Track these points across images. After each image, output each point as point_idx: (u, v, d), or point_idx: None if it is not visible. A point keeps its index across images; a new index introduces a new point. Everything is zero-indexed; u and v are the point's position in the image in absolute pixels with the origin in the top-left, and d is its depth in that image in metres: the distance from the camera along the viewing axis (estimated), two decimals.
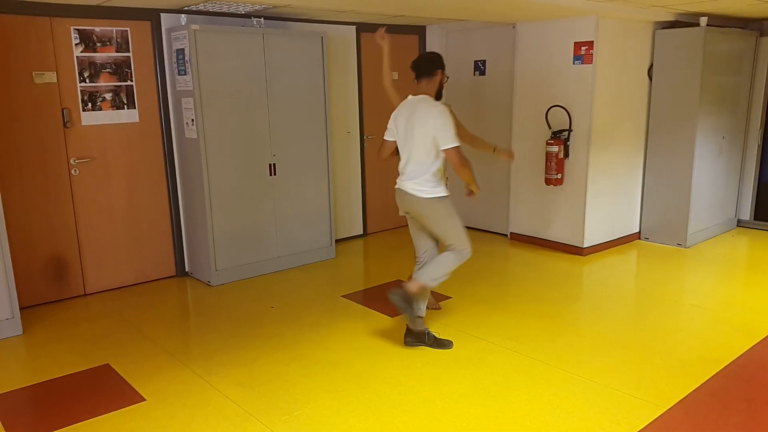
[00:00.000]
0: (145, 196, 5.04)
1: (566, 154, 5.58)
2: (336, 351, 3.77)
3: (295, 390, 3.29)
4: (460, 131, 3.69)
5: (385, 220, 6.83)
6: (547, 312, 4.35)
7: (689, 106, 5.66)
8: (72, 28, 4.51)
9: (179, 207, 5.21)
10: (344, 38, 6.02)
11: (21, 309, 4.27)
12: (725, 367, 3.47)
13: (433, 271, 3.64)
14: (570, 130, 5.54)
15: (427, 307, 4.05)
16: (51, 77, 4.47)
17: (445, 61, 3.79)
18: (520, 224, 6.17)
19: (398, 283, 4.19)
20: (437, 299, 4.51)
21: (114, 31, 4.69)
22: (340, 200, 6.23)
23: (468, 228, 6.79)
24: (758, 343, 3.78)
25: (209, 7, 4.70)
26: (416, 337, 3.79)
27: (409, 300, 3.60)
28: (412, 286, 3.60)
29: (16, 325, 4.08)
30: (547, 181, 5.68)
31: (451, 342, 3.82)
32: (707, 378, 3.34)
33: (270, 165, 5.20)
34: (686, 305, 4.50)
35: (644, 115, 5.98)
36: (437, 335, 3.84)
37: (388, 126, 3.71)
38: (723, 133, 6.08)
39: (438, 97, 3.67)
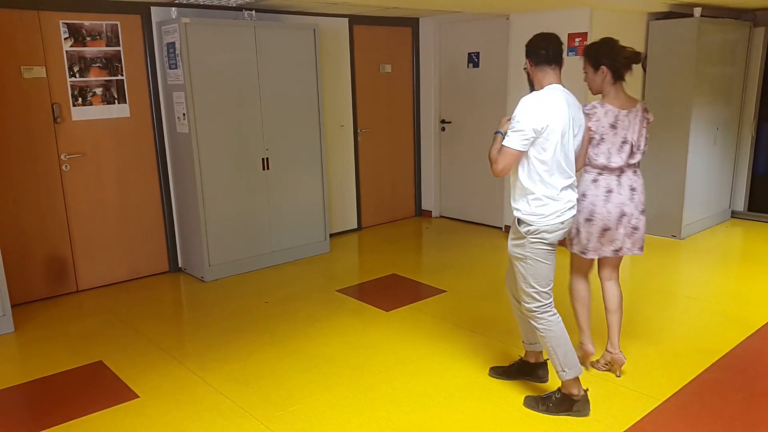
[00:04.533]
0: (137, 192, 5.00)
1: None
2: (331, 346, 3.75)
3: (290, 385, 3.28)
4: None
5: (380, 214, 6.81)
6: None
7: (683, 97, 5.65)
8: (61, 21, 4.45)
9: (171, 202, 5.18)
10: (337, 31, 5.98)
11: (12, 306, 4.23)
12: (720, 358, 3.47)
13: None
14: None
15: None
16: (40, 72, 4.42)
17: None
18: None
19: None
20: (432, 293, 4.49)
21: (104, 25, 4.64)
22: (333, 194, 6.20)
23: (463, 221, 6.83)
24: (753, 334, 3.79)
25: (200, 0, 4.65)
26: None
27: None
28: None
29: (8, 323, 4.05)
30: None
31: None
32: (702, 370, 3.34)
33: (263, 159, 5.16)
34: (681, 297, 4.50)
35: None
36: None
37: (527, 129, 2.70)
38: (717, 125, 6.07)
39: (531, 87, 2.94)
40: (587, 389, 2.97)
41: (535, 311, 2.84)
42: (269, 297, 4.63)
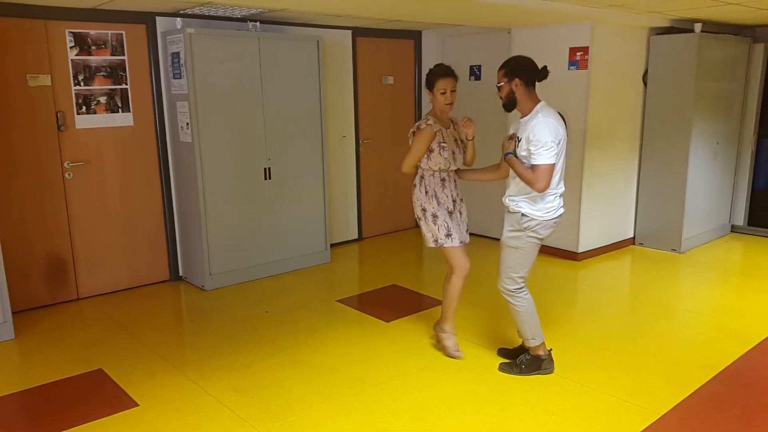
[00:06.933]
0: (139, 200, 5.01)
1: None
2: (331, 356, 3.76)
3: (290, 396, 3.28)
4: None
5: (381, 225, 6.82)
6: (541, 317, 4.30)
7: (684, 112, 5.69)
8: (67, 31, 4.49)
9: (173, 211, 5.19)
10: (340, 43, 6.02)
11: (13, 313, 4.23)
12: (720, 372, 3.48)
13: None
14: None
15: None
16: (45, 80, 4.45)
17: None
18: None
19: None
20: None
21: (109, 35, 4.68)
22: (335, 204, 6.22)
23: None
24: (753, 348, 3.79)
25: (205, 11, 4.69)
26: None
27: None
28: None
29: (8, 330, 4.05)
30: None
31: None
32: (702, 383, 3.34)
33: (265, 169, 5.18)
34: (681, 310, 4.50)
35: (639, 121, 6.00)
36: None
37: (552, 144, 3.11)
38: (717, 139, 6.10)
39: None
40: (551, 349, 3.52)
41: (513, 292, 3.38)
42: (270, 306, 4.63)
